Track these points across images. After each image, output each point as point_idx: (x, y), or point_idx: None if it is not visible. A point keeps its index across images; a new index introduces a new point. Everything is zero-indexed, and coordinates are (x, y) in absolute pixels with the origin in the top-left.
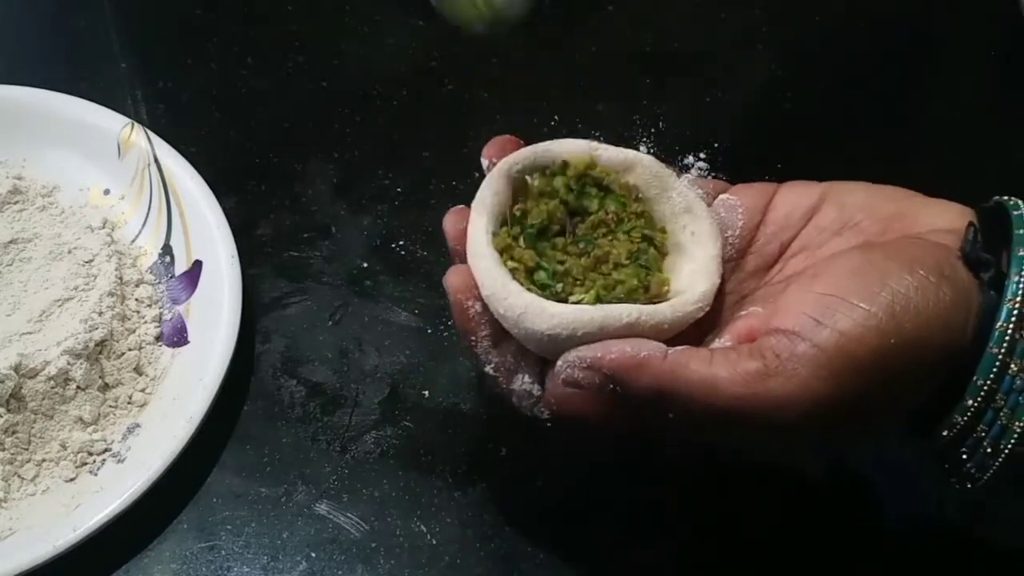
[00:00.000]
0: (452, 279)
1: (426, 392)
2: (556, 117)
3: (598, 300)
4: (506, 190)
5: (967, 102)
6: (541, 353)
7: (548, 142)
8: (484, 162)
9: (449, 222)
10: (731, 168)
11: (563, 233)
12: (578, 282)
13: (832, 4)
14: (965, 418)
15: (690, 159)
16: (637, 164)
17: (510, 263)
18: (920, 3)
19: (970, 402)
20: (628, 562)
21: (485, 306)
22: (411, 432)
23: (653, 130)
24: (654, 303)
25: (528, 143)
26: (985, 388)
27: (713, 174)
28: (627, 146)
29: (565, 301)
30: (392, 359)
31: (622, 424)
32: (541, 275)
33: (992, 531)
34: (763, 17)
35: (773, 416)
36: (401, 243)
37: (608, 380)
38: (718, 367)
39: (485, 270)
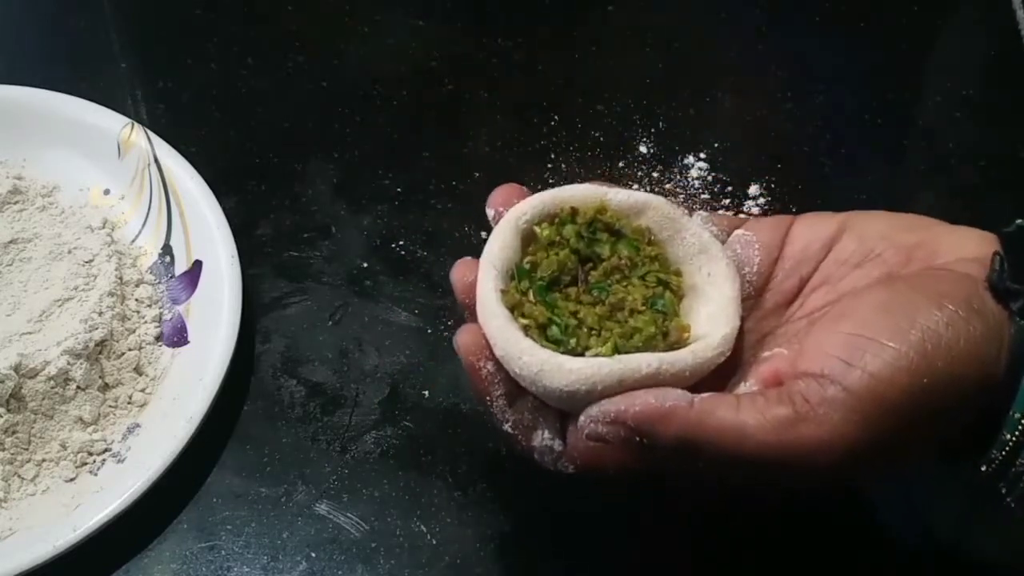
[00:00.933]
0: (463, 339)
1: (426, 392)
2: (556, 117)
3: (616, 350)
4: (514, 242)
5: (967, 101)
6: (561, 407)
7: (556, 189)
8: (490, 212)
9: (456, 275)
10: (731, 168)
11: (575, 282)
12: (594, 332)
13: (832, 4)
14: (1004, 453)
15: (690, 159)
16: (648, 206)
17: (522, 320)
18: (920, 2)
19: (1008, 436)
20: (628, 562)
21: (498, 364)
22: (411, 432)
23: (653, 130)
24: (673, 349)
25: (532, 186)
26: (1023, 422)
27: (714, 174)
28: (627, 146)
29: (582, 355)
30: (392, 359)
31: (648, 473)
32: (554, 331)
33: (984, 553)
34: (763, 17)
35: (805, 462)
36: (401, 243)
37: (634, 433)
38: (746, 414)
39: (497, 329)
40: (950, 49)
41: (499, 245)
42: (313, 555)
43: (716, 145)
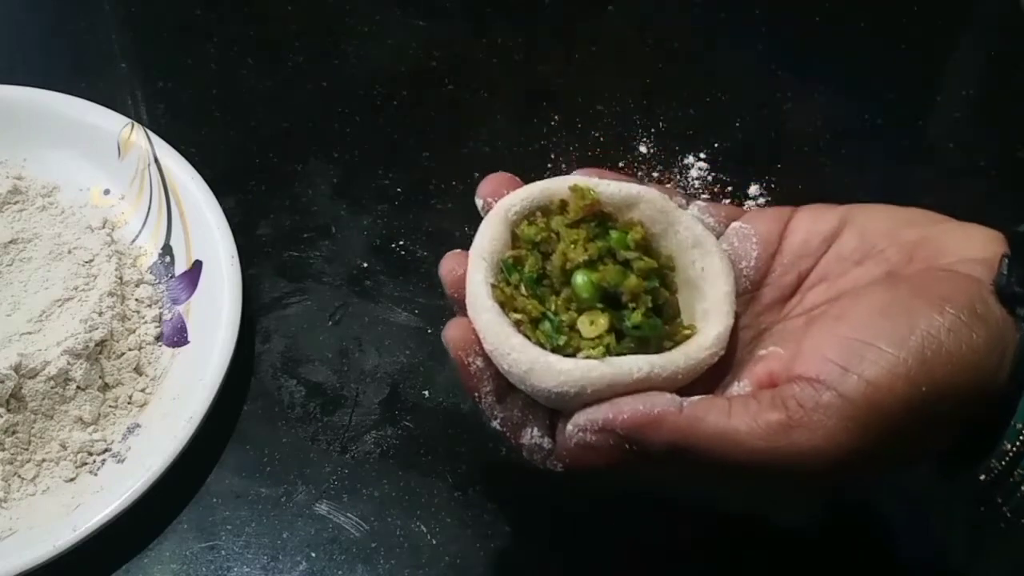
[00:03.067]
0: (452, 333)
1: (426, 392)
2: (556, 117)
3: (607, 352)
4: (504, 235)
5: (967, 101)
6: (550, 406)
7: (546, 180)
8: (479, 202)
9: (445, 268)
10: (731, 168)
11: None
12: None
13: (832, 3)
14: (1003, 463)
15: (690, 159)
16: (640, 200)
17: (513, 315)
18: (920, 2)
19: (1008, 446)
20: (628, 563)
21: (487, 360)
22: (411, 432)
23: (653, 130)
24: (666, 348)
25: (526, 177)
26: None
27: (714, 174)
28: (627, 146)
29: (573, 355)
30: (392, 359)
31: (638, 474)
32: (547, 326)
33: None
34: (763, 17)
35: (797, 468)
36: (401, 243)
37: (623, 440)
38: (738, 419)
39: (487, 323)
40: (950, 49)
41: (488, 237)
42: (313, 555)
43: (716, 145)
